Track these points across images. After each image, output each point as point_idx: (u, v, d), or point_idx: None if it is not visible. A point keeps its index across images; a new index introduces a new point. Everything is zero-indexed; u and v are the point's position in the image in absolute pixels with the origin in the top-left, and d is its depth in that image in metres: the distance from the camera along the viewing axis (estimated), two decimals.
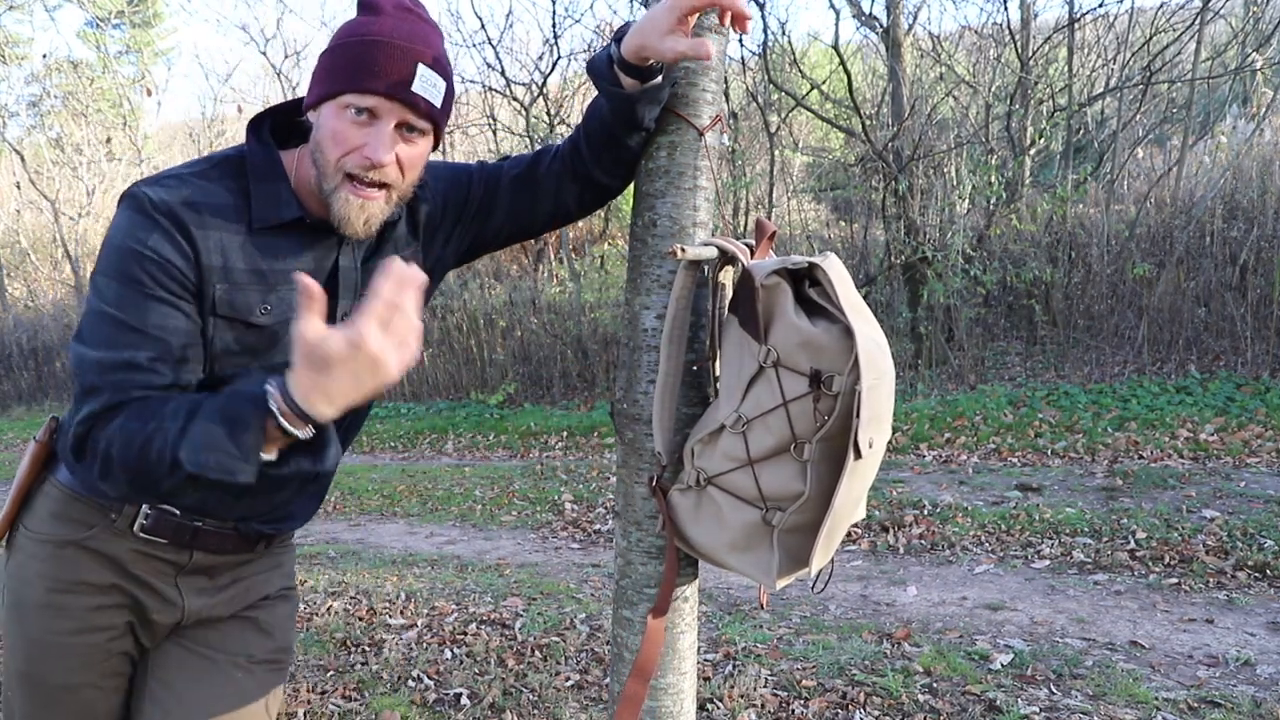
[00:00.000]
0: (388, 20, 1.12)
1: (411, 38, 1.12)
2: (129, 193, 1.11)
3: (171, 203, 1.10)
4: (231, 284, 1.13)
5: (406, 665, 3.10)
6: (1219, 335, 7.03)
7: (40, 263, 17.59)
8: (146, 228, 1.09)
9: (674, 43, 1.10)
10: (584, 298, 9.96)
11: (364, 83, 1.09)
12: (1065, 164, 8.75)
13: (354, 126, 1.11)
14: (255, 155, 1.17)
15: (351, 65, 1.10)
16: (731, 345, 1.17)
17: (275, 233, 1.16)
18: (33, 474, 1.27)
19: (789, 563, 1.17)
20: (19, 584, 1.25)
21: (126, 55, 21.30)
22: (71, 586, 1.23)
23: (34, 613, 1.24)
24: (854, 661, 2.96)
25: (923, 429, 6.59)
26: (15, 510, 1.28)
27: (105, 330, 1.09)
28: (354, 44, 1.11)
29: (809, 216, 12.05)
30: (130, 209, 1.10)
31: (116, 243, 1.10)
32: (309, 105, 1.16)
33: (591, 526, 5.33)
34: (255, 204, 1.15)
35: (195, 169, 1.15)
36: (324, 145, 1.12)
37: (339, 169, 1.12)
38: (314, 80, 1.15)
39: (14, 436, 11.55)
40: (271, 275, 1.16)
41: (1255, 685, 2.69)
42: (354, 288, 1.23)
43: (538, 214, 1.35)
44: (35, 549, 1.24)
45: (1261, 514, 4.22)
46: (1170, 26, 8.66)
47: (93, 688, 1.27)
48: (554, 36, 12.36)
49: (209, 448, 0.99)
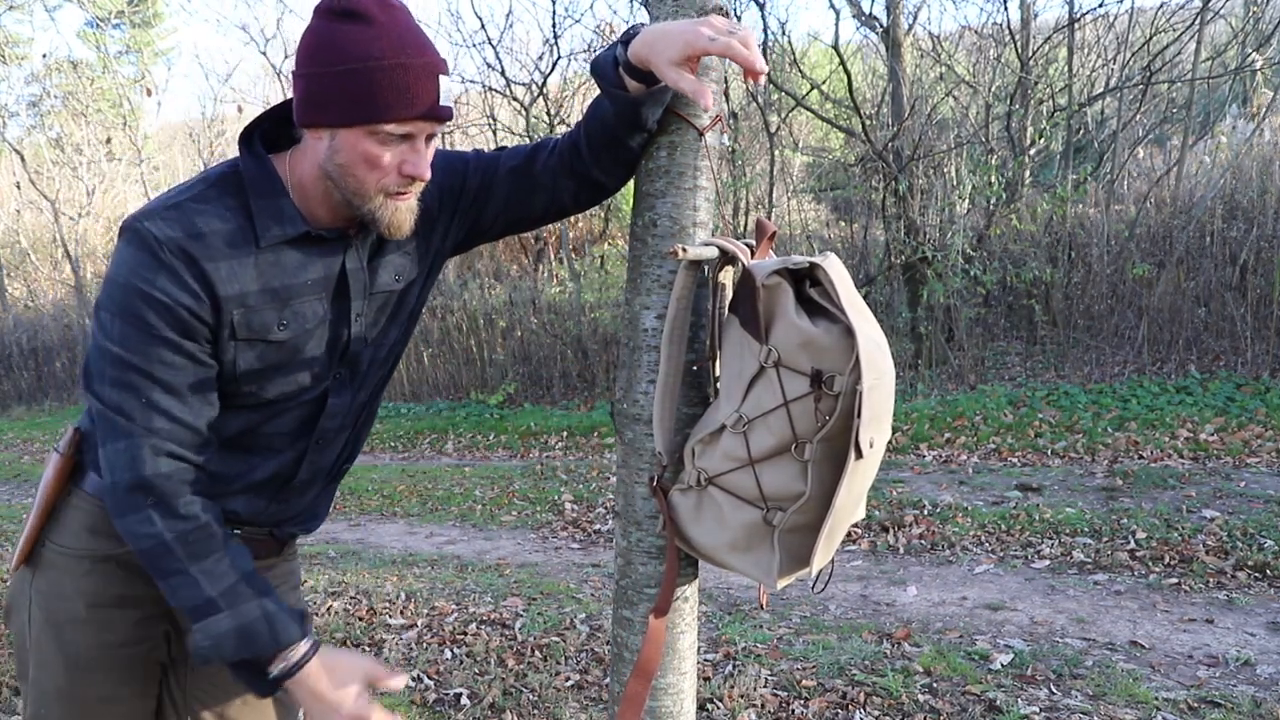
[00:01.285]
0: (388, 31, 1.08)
1: (420, 48, 1.10)
2: (132, 228, 1.10)
3: (178, 239, 1.09)
4: (248, 307, 1.14)
5: (406, 665, 3.10)
6: (1219, 335, 7.03)
7: (40, 263, 17.59)
8: (153, 268, 1.08)
9: (677, 76, 1.09)
10: (584, 298, 9.96)
11: (401, 111, 1.08)
12: (1065, 164, 8.75)
13: (387, 148, 1.11)
14: (251, 171, 1.16)
15: (377, 94, 1.07)
16: (732, 345, 1.17)
17: (282, 248, 1.16)
18: (58, 487, 1.25)
19: (789, 563, 1.17)
20: (54, 600, 1.23)
21: (126, 55, 21.31)
22: (113, 601, 1.23)
23: (73, 629, 1.23)
24: (854, 661, 2.96)
25: (923, 429, 6.59)
26: (41, 525, 1.26)
27: (114, 371, 1.10)
28: (370, 70, 1.07)
29: (809, 216, 12.05)
30: (134, 246, 1.09)
31: (121, 280, 1.09)
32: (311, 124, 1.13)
33: (591, 526, 5.33)
34: (259, 223, 1.14)
35: (192, 192, 1.14)
36: (355, 169, 1.11)
37: (380, 190, 1.13)
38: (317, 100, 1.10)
39: (14, 436, 11.55)
40: (284, 291, 1.16)
41: (1255, 685, 2.69)
42: (364, 288, 1.24)
43: (533, 207, 1.34)
44: (71, 564, 1.23)
45: (1261, 514, 4.22)
46: (1170, 26, 8.66)
47: (135, 698, 1.28)
48: (554, 36, 12.36)
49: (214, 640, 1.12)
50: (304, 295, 1.18)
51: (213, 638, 1.12)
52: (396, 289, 1.28)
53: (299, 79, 1.12)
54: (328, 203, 1.17)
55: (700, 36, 1.07)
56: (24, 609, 1.26)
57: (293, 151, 1.18)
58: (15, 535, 5.81)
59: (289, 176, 1.17)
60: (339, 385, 1.27)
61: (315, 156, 1.14)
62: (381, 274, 1.26)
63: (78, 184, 16.54)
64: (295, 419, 1.25)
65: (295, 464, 1.28)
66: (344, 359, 1.26)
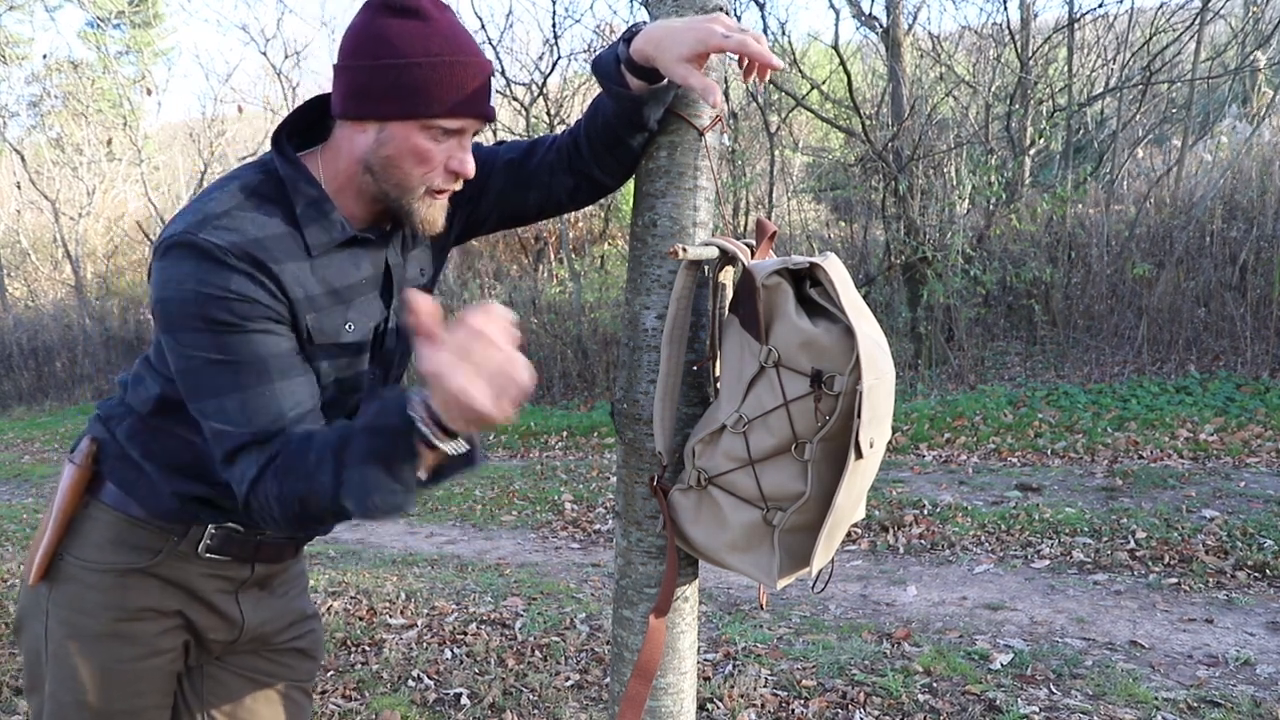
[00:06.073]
0: (443, 29, 1.09)
1: (473, 49, 1.11)
2: (185, 242, 1.04)
3: (243, 244, 1.06)
4: (318, 311, 1.13)
5: (406, 665, 3.10)
6: (1219, 335, 7.03)
7: (40, 263, 17.60)
8: (221, 273, 1.04)
9: (686, 72, 1.08)
10: (584, 298, 9.96)
11: (459, 109, 1.09)
12: (1065, 164, 8.75)
13: (438, 143, 1.11)
14: (292, 179, 1.13)
15: (438, 90, 1.08)
16: (732, 345, 1.17)
17: (331, 252, 1.16)
18: (75, 500, 1.22)
19: (789, 562, 1.17)
20: (76, 614, 1.21)
21: (126, 55, 21.28)
22: (138, 614, 1.22)
23: (97, 643, 1.21)
24: (854, 661, 2.96)
25: (923, 429, 6.59)
26: (59, 539, 1.23)
27: (218, 380, 1.05)
28: (432, 65, 1.07)
29: (809, 216, 12.05)
30: (192, 258, 1.04)
31: (185, 295, 1.04)
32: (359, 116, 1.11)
33: (591, 526, 5.33)
34: (307, 230, 1.12)
35: (235, 200, 1.09)
36: (402, 162, 1.11)
37: (424, 184, 1.13)
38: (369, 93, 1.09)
39: (14, 436, 11.55)
40: (345, 292, 1.16)
41: (1255, 685, 2.69)
42: (402, 282, 1.25)
43: (528, 202, 1.34)
44: (93, 579, 1.21)
45: (1261, 514, 4.22)
46: (1170, 26, 8.66)
47: (154, 709, 1.27)
48: (554, 36, 12.36)
49: (372, 490, 0.96)
50: (363, 294, 1.19)
51: (374, 488, 0.96)
52: (422, 283, 1.30)
53: (345, 71, 1.10)
54: (363, 198, 1.16)
55: (713, 34, 1.07)
56: (39, 622, 1.24)
57: (323, 149, 1.17)
58: (15, 535, 5.80)
59: (321, 176, 1.16)
60: (372, 387, 1.26)
61: (355, 150, 1.13)
62: (409, 269, 1.27)
63: (78, 184, 16.54)
64: None
65: None
66: (379, 357, 1.25)
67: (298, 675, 1.41)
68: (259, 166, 1.15)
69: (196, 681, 1.33)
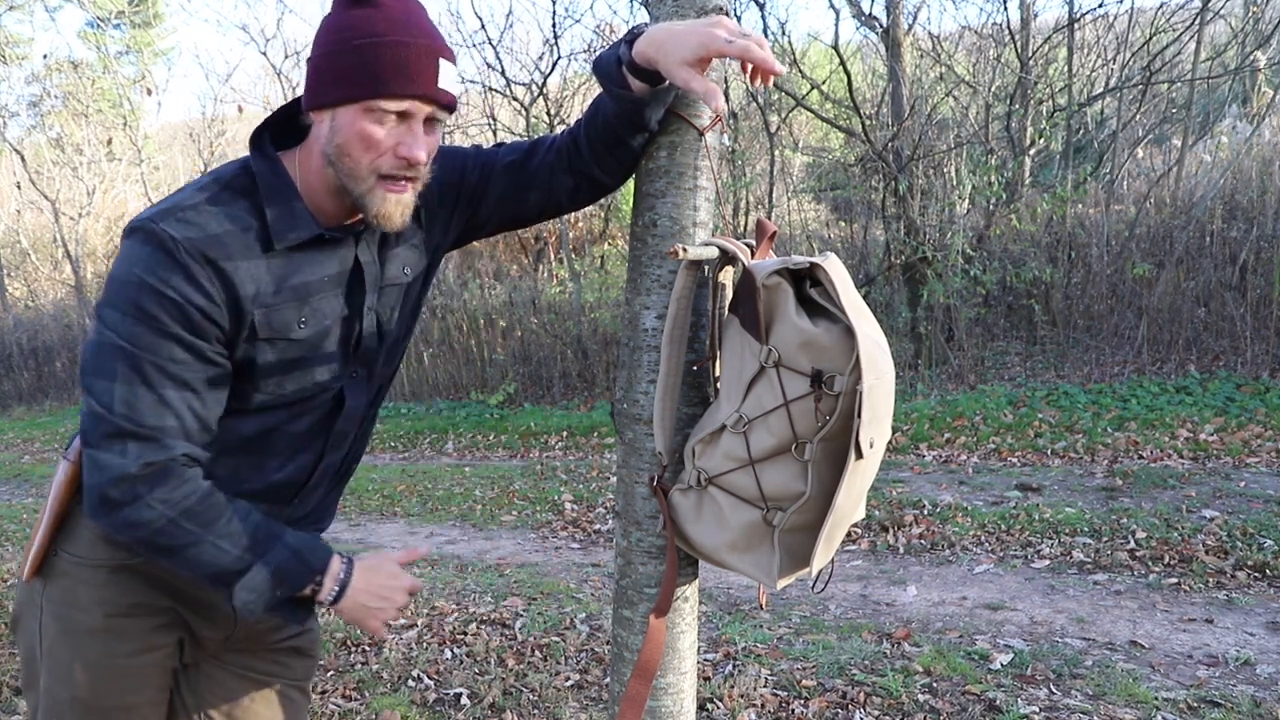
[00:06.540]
0: (392, 13, 1.09)
1: (423, 31, 1.11)
2: (144, 228, 1.08)
3: (197, 241, 1.08)
4: (268, 307, 1.13)
5: (406, 665, 3.10)
6: (1219, 335, 7.03)
7: (40, 263, 17.60)
8: (169, 268, 1.07)
9: (688, 76, 1.08)
10: (584, 298, 9.95)
11: (397, 87, 1.08)
12: (1065, 164, 8.74)
13: (383, 128, 1.10)
14: (263, 173, 1.15)
15: (376, 69, 1.08)
16: (732, 345, 1.17)
17: (296, 248, 1.16)
18: (68, 495, 1.23)
19: (790, 562, 1.17)
20: (69, 610, 1.22)
21: (126, 55, 21.28)
22: (130, 610, 1.23)
23: (90, 638, 1.22)
24: (854, 661, 2.96)
25: (923, 429, 6.59)
26: (53, 535, 1.24)
27: (117, 365, 1.07)
28: (372, 46, 1.08)
29: (809, 216, 12.05)
30: (148, 244, 1.07)
31: (131, 277, 1.07)
32: (315, 106, 1.13)
33: (591, 526, 5.33)
34: (273, 226, 1.13)
35: (205, 194, 1.12)
36: (351, 149, 1.11)
37: (372, 170, 1.12)
38: (322, 81, 1.11)
39: (14, 436, 11.55)
40: (303, 289, 1.17)
41: (1255, 685, 2.69)
42: (376, 281, 1.24)
43: (528, 203, 1.34)
44: (85, 574, 1.22)
45: (1261, 514, 4.22)
46: (1170, 26, 8.66)
47: (150, 705, 1.28)
48: (554, 36, 12.36)
49: (261, 591, 1.14)
50: (322, 291, 1.18)
51: (255, 590, 1.13)
52: (405, 282, 1.29)
53: (308, 65, 1.13)
54: (332, 193, 1.17)
55: (716, 39, 1.06)
56: (34, 618, 1.25)
57: (300, 148, 1.19)
58: (15, 535, 5.81)
59: (297, 174, 1.17)
60: (355, 385, 1.27)
61: (319, 143, 1.14)
62: (390, 267, 1.26)
63: (78, 184, 16.54)
64: (313, 420, 1.25)
65: (312, 465, 1.28)
66: (358, 355, 1.26)
67: (295, 674, 1.41)
68: (240, 163, 1.18)
69: (193, 680, 1.33)
